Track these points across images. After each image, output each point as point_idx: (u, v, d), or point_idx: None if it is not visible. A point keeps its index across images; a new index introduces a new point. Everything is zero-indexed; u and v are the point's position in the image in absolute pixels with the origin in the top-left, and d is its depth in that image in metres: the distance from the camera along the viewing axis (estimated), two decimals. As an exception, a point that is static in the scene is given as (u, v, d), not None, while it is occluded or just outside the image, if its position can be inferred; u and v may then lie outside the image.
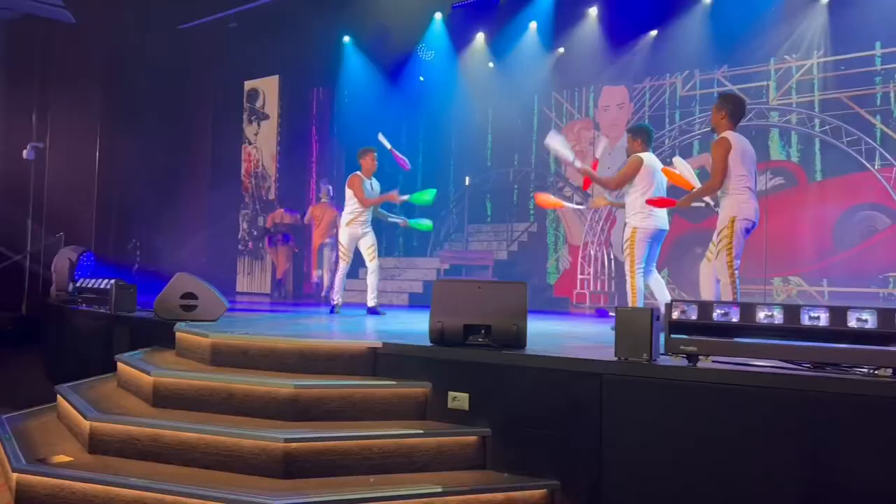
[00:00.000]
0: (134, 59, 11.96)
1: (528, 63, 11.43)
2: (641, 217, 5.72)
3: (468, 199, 12.05)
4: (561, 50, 11.34)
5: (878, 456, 2.97)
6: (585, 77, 11.38)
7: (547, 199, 6.77)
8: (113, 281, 6.50)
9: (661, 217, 5.80)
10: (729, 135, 4.97)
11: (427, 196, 7.12)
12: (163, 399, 4.17)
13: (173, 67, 12.29)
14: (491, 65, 11.85)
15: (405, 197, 7.14)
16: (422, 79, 12.26)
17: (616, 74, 11.13)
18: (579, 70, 11.23)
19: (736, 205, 4.87)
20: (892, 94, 9.01)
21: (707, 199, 5.45)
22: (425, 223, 7.42)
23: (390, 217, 7.51)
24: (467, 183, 11.90)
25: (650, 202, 5.60)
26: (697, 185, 5.42)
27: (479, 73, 11.89)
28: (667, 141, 10.67)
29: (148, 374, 4.26)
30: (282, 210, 11.80)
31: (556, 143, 5.93)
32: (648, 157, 5.81)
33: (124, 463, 3.72)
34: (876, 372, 3.15)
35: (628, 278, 5.72)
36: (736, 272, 4.88)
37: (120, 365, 4.90)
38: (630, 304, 5.66)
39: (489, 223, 12.54)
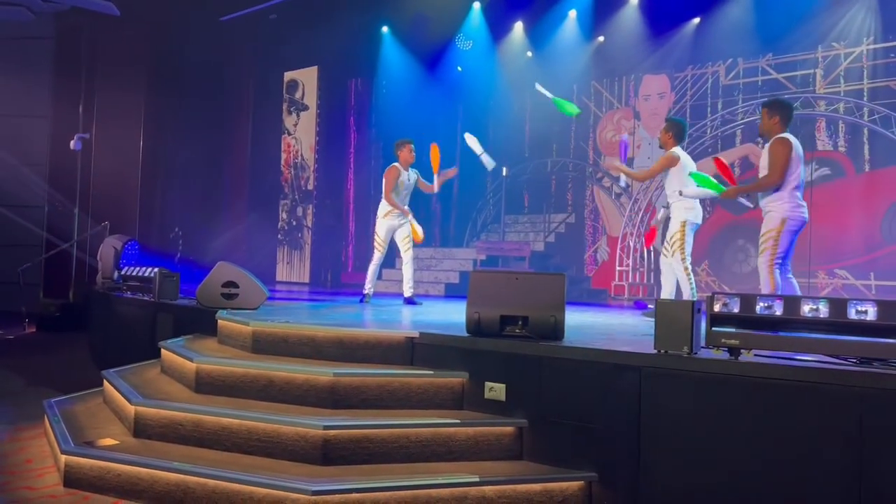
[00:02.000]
0: (177, 51, 12.16)
1: (568, 52, 11.30)
2: (686, 209, 5.93)
3: (505, 190, 12.00)
4: (601, 38, 11.19)
5: (928, 454, 2.89)
6: (626, 66, 11.22)
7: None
8: (156, 269, 6.63)
9: (700, 210, 6.05)
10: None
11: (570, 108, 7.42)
12: (205, 385, 4.25)
13: (215, 59, 12.48)
14: (529, 54, 11.75)
15: (434, 186, 7.17)
16: (460, 69, 12.22)
17: (657, 63, 10.95)
18: (620, 58, 11.07)
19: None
20: (946, 82, 8.71)
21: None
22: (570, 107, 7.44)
23: (439, 178, 7.22)
24: (505, 174, 11.83)
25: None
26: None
27: (518, 63, 11.80)
28: (709, 131, 10.47)
29: (191, 360, 4.35)
30: None
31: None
32: (681, 153, 5.97)
33: (167, 447, 3.82)
34: (926, 368, 3.06)
35: (681, 272, 5.89)
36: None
37: (163, 351, 5.01)
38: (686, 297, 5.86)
39: (526, 214, 12.47)
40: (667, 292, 6.13)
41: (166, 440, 3.91)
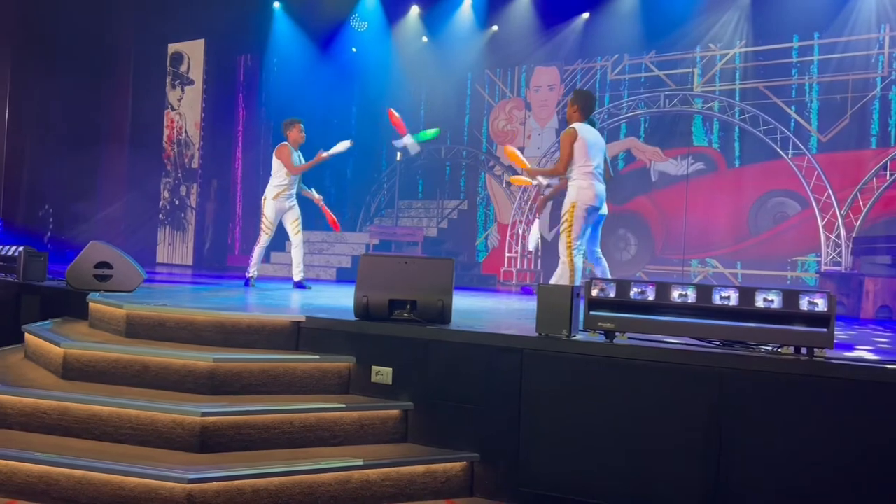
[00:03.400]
0: (49, 15, 11.30)
1: (462, 39, 11.40)
2: (578, 190, 5.27)
3: (399, 175, 11.99)
4: (495, 28, 11.35)
5: (780, 428, 3.13)
6: (518, 56, 11.44)
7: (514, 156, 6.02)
8: (21, 248, 6.18)
9: (600, 194, 5.36)
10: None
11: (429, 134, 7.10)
12: (73, 371, 4.00)
13: (92, 25, 11.69)
14: (425, 39, 11.76)
15: (331, 152, 6.94)
16: (354, 50, 12.06)
17: (548, 55, 11.24)
18: (512, 49, 11.28)
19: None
20: (806, 86, 9.42)
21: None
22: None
23: (306, 190, 7.21)
24: (399, 158, 11.82)
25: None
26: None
27: (413, 48, 11.78)
28: (596, 124, 10.86)
29: (58, 345, 4.08)
30: None
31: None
32: (582, 128, 5.37)
33: (29, 437, 3.57)
34: (779, 350, 3.32)
35: (564, 257, 5.26)
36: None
37: (28, 335, 4.68)
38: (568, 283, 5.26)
39: (420, 199, 12.52)
40: (558, 277, 5.45)
41: (28, 430, 3.65)
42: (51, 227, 11.06)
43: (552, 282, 5.43)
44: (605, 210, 5.85)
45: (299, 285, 7.02)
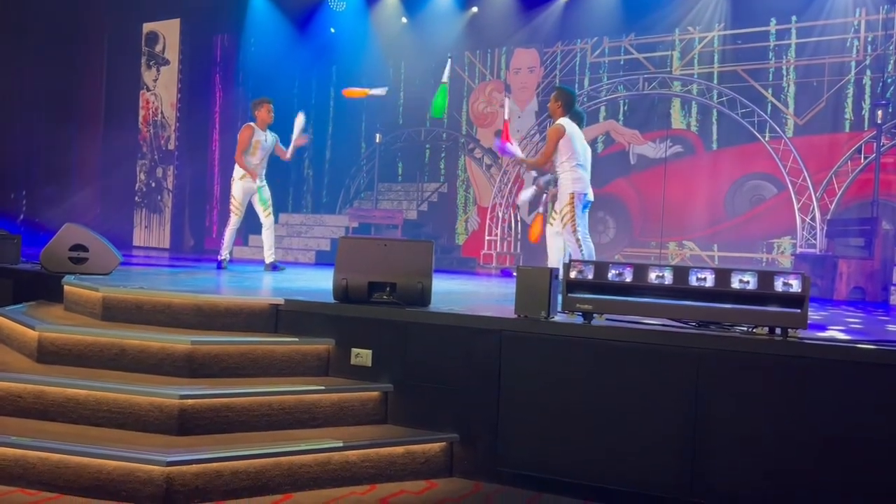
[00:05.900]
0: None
1: (442, 20, 11.32)
2: (573, 180, 5.54)
3: (379, 157, 11.93)
4: (474, 9, 11.28)
5: (755, 407, 3.19)
6: (498, 38, 11.39)
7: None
8: (-7, 231, 6.09)
9: (588, 183, 5.67)
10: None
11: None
12: (49, 355, 3.96)
13: (65, 3, 11.44)
14: (404, 20, 11.67)
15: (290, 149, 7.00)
16: (333, 30, 11.94)
17: (528, 37, 11.20)
18: (492, 31, 11.22)
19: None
20: (783, 70, 9.49)
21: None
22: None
23: (293, 146, 7.06)
24: (378, 140, 11.76)
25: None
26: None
27: (392, 28, 11.69)
28: (583, 116, 10.86)
29: (33, 328, 4.04)
30: None
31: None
32: (568, 124, 5.60)
33: (4, 421, 3.53)
34: (754, 330, 3.37)
35: (571, 237, 5.50)
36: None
37: (1, 319, 4.61)
38: None
39: (400, 182, 12.48)
40: (553, 262, 5.72)
41: (3, 414, 3.61)
42: (24, 209, 10.88)
43: (550, 264, 5.62)
44: (591, 196, 6.03)
45: (273, 267, 6.99)
